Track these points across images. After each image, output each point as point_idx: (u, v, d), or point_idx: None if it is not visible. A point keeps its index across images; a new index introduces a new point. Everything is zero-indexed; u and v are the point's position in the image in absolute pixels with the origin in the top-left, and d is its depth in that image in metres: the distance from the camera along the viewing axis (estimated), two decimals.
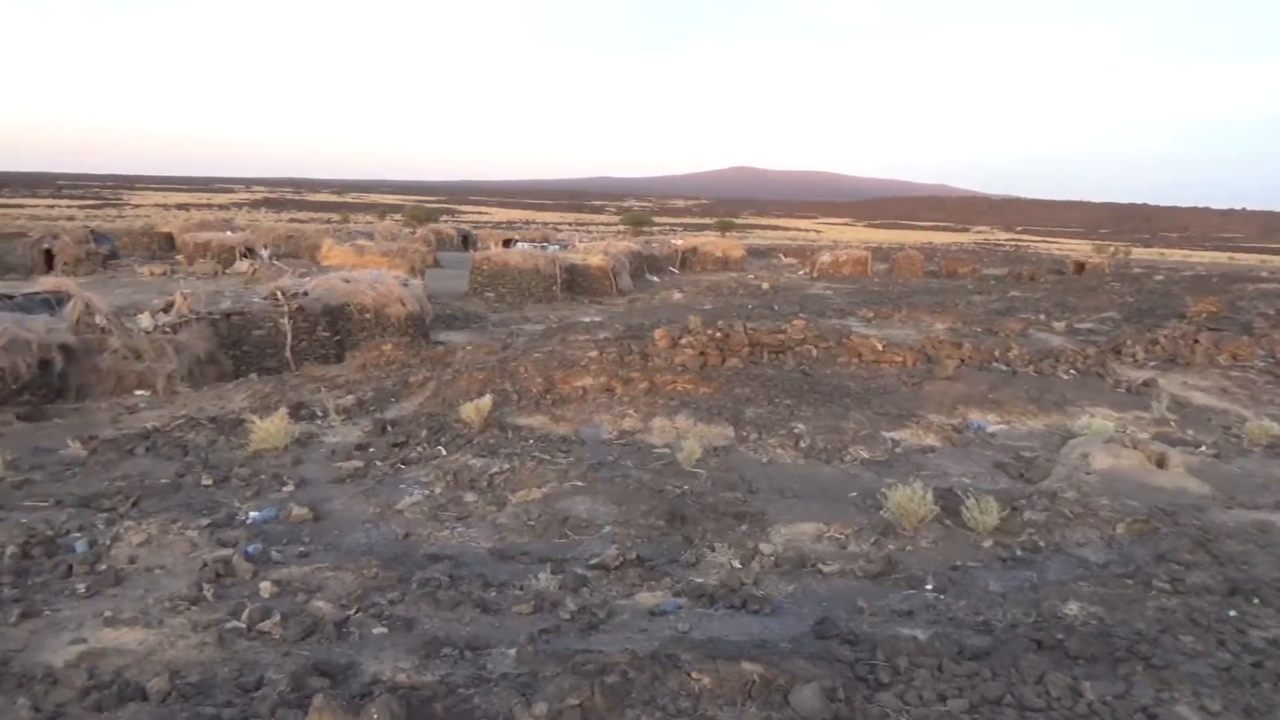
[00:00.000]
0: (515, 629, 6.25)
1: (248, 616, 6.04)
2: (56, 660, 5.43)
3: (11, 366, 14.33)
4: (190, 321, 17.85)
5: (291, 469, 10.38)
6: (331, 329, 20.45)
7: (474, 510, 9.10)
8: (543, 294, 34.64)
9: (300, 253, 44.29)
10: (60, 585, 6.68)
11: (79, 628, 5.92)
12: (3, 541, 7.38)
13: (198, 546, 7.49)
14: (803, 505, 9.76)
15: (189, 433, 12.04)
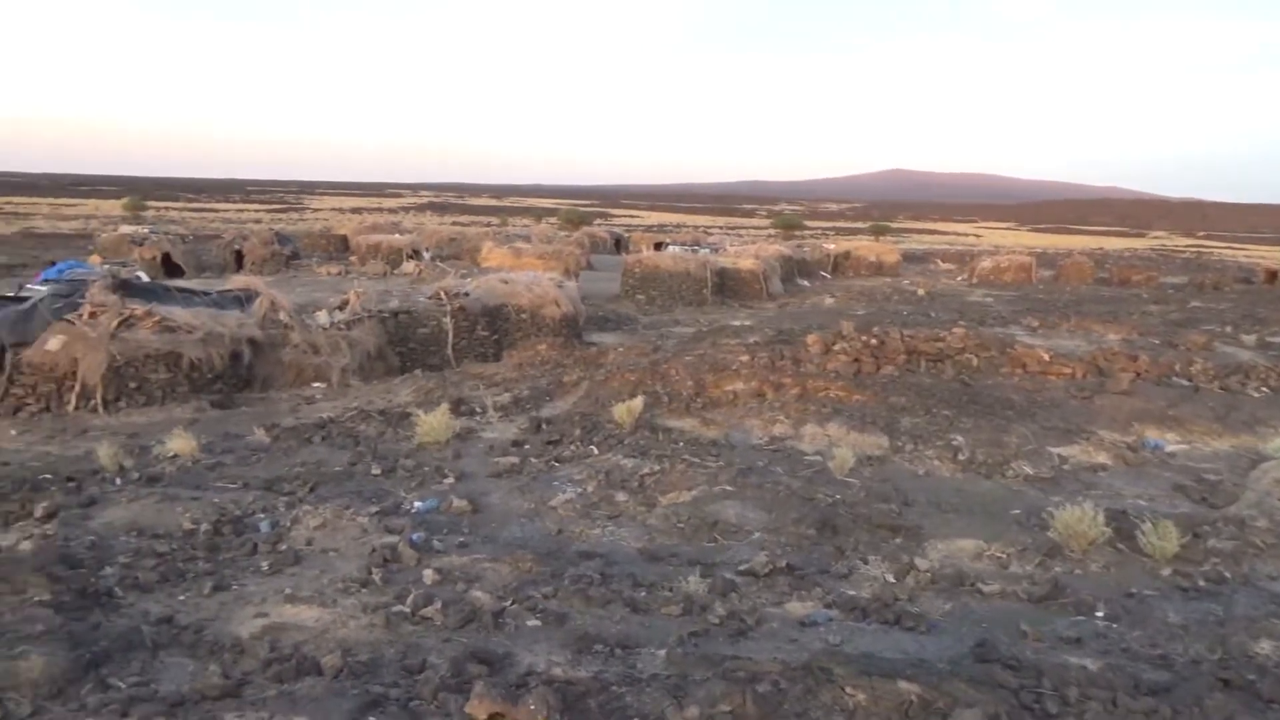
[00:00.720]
0: (664, 630, 6.30)
1: (412, 602, 6.34)
2: (243, 632, 5.87)
3: (207, 358, 15.56)
4: (362, 319, 18.89)
5: (452, 462, 10.82)
6: (490, 328, 21.20)
7: (625, 510, 9.23)
8: (693, 297, 34.75)
9: (462, 254, 46.13)
10: (246, 562, 7.21)
11: (262, 603, 6.37)
12: (198, 519, 8.02)
13: (367, 532, 7.92)
14: (961, 521, 9.40)
15: (360, 424, 12.75)
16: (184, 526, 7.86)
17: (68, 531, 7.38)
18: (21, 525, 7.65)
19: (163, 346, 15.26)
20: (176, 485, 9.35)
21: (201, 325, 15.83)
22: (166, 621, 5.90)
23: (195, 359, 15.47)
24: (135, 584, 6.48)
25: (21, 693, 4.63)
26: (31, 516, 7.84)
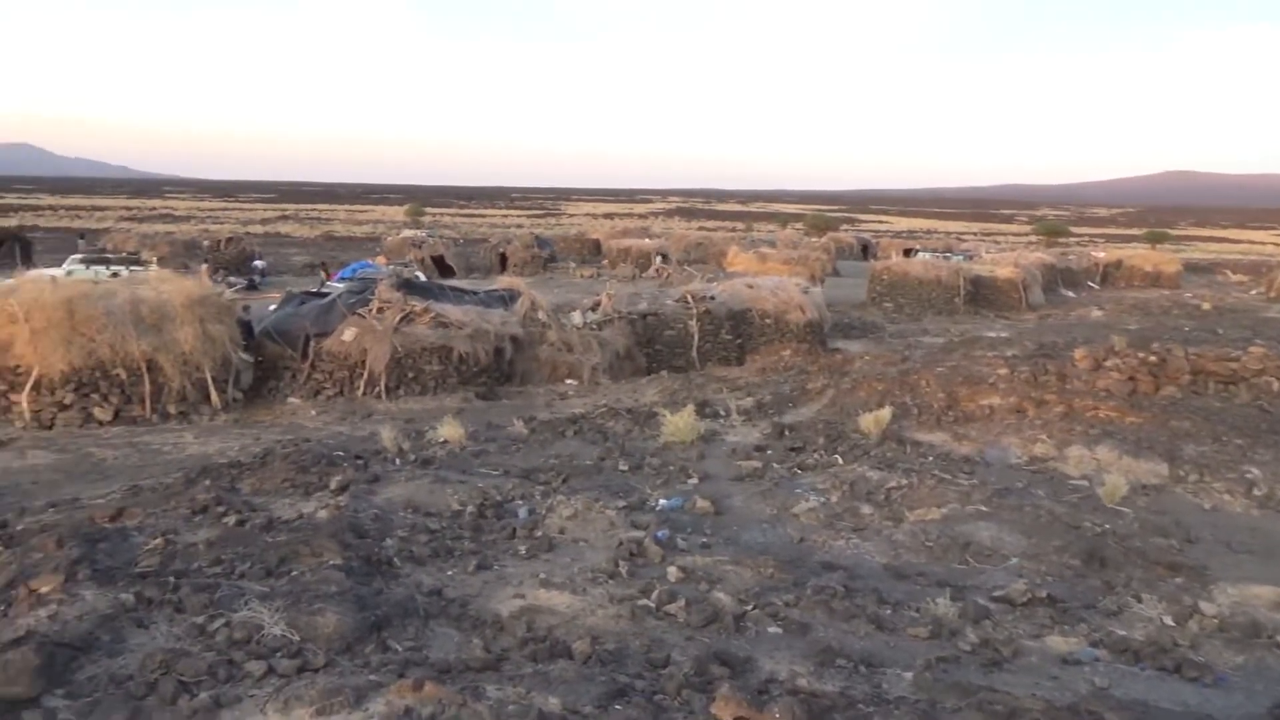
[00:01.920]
0: (910, 651, 6.06)
1: (657, 597, 6.50)
2: (502, 610, 6.26)
3: (474, 353, 16.79)
4: (613, 320, 19.65)
5: (696, 463, 10.99)
6: (734, 332, 21.36)
7: (869, 523, 8.97)
8: (943, 306, 33.28)
9: (708, 259, 46.82)
10: (506, 545, 7.69)
11: (520, 585, 6.77)
12: (464, 501, 8.66)
13: (615, 525, 8.21)
14: (1257, 564, 8.35)
15: (609, 421, 13.26)
16: (452, 507, 8.52)
17: (356, 504, 8.20)
18: (319, 496, 8.60)
19: (437, 341, 16.62)
20: (446, 469, 10.14)
21: (470, 322, 17.08)
22: (437, 594, 6.41)
23: (464, 353, 16.72)
24: (411, 556, 7.09)
25: (318, 645, 5.19)
26: (327, 489, 8.79)
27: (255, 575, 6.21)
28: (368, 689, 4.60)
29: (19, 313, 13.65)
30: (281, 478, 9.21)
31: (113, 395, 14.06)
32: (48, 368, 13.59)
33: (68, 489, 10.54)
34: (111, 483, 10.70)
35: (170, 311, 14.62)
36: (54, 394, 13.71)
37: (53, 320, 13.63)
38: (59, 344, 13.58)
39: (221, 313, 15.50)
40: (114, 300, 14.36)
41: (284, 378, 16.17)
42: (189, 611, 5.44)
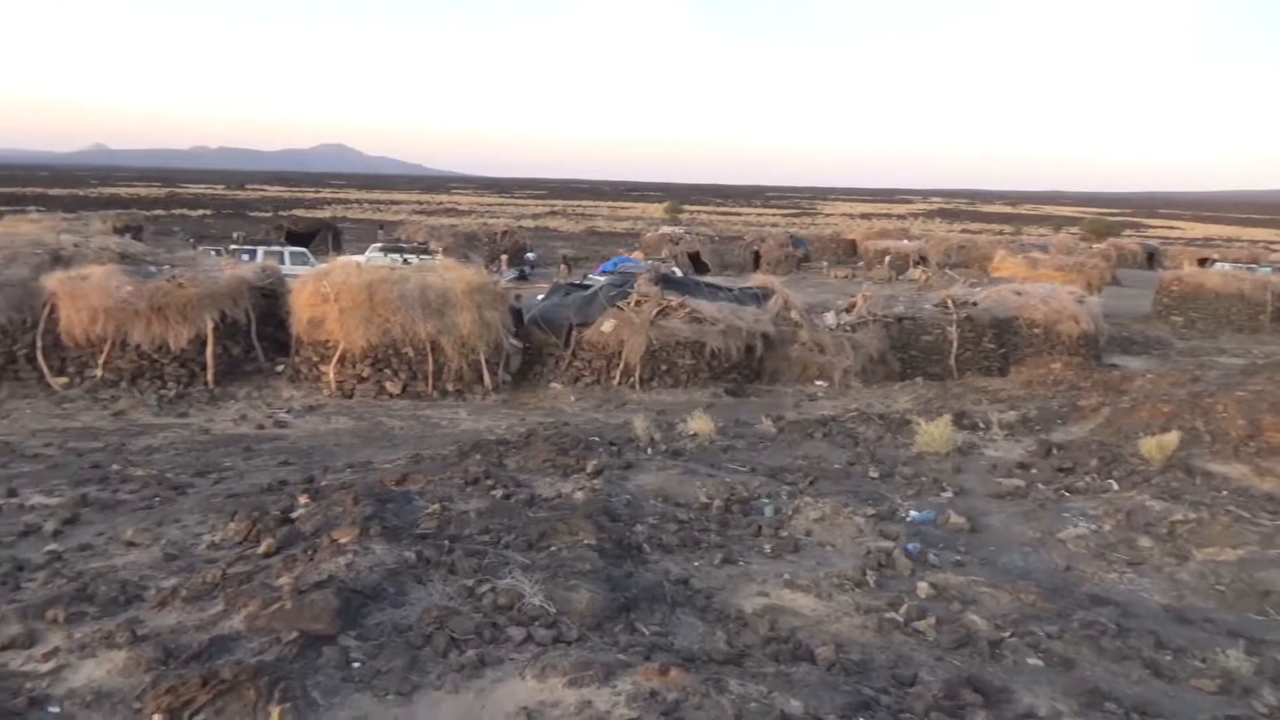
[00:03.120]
0: (1192, 705, 5.47)
1: (905, 612, 6.27)
2: (746, 606, 6.30)
3: (725, 349, 16.98)
4: (867, 322, 19.16)
5: (951, 476, 10.49)
6: (997, 341, 20.16)
7: (1148, 558, 8.17)
8: (1245, 323, 29.65)
9: (970, 263, 44.50)
10: (751, 542, 7.72)
11: (764, 583, 6.77)
12: (712, 495, 8.79)
13: (863, 533, 8.01)
14: None
15: (859, 425, 12.95)
16: (700, 499, 8.67)
17: (610, 489, 8.55)
18: (576, 478, 9.04)
19: (690, 335, 16.96)
20: (695, 461, 10.33)
21: (723, 318, 17.28)
22: (683, 583, 6.55)
23: (716, 349, 16.95)
24: (660, 544, 7.30)
25: (571, 618, 5.47)
26: (584, 471, 9.23)
27: (518, 547, 6.64)
28: (616, 667, 4.79)
29: (331, 293, 15.41)
30: (543, 458, 9.78)
31: (401, 371, 15.56)
32: (351, 343, 15.26)
33: (362, 452, 11.79)
34: (398, 450, 11.85)
35: (452, 298, 15.94)
36: (354, 367, 15.38)
37: (356, 301, 15.28)
38: (361, 323, 15.21)
39: (496, 300, 16.69)
40: (406, 286, 15.86)
41: (547, 364, 17.16)
42: (460, 574, 5.91)
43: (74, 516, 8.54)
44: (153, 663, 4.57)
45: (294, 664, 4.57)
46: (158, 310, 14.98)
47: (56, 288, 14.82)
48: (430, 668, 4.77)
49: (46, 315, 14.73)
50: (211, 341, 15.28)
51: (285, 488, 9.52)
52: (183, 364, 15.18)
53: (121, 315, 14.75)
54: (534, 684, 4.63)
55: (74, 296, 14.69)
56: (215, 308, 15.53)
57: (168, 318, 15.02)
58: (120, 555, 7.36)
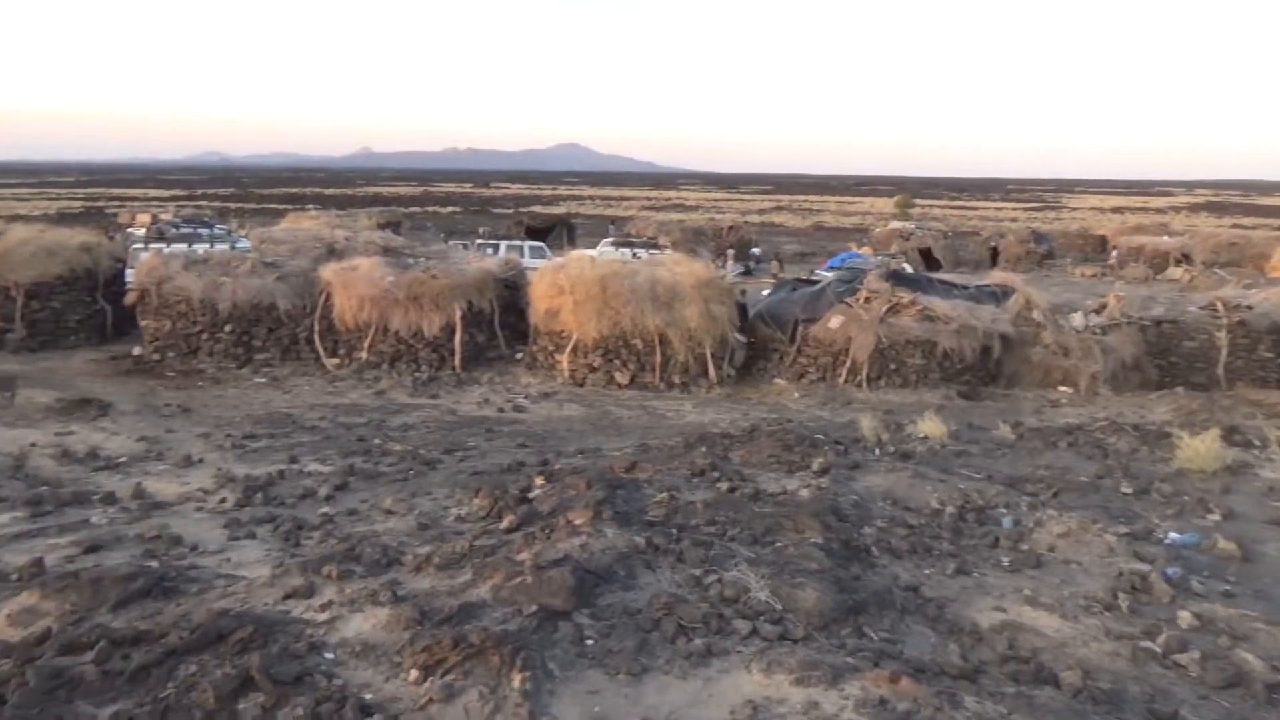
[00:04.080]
0: None
1: (1164, 642, 5.75)
2: (981, 621, 6.00)
3: (959, 349, 16.21)
4: (1119, 325, 17.66)
5: (1219, 497, 9.48)
6: (1276, 349, 17.98)
7: None
8: None
9: (1243, 262, 39.91)
10: (986, 553, 7.34)
11: (1000, 597, 6.43)
12: (944, 501, 8.43)
13: (1114, 552, 7.41)
14: None
15: (1110, 436, 11.97)
16: (931, 505, 8.34)
17: (836, 488, 8.40)
18: (801, 475, 8.96)
19: (921, 334, 16.33)
20: (925, 465, 9.95)
21: (957, 317, 16.51)
22: (913, 590, 6.34)
23: (948, 349, 16.23)
24: (888, 548, 7.09)
25: (797, 617, 5.44)
26: (809, 469, 9.13)
27: (743, 540, 6.67)
28: (844, 670, 4.71)
29: (566, 286, 16.12)
30: (768, 453, 9.76)
31: (630, 362, 16.03)
32: (584, 334, 15.91)
33: (592, 439, 12.27)
34: (625, 438, 12.23)
35: (681, 291, 16.23)
36: (586, 357, 16.03)
37: (590, 294, 15.89)
38: (593, 314, 15.81)
39: (723, 295, 16.82)
40: (636, 279, 16.31)
41: (772, 359, 17.09)
42: (688, 563, 6.02)
43: (343, 484, 9.48)
44: (410, 622, 4.98)
45: (533, 635, 4.84)
46: (414, 299, 16.29)
47: (331, 278, 16.48)
48: (659, 652, 4.90)
49: (323, 302, 16.40)
50: (460, 329, 16.43)
51: (523, 468, 10.09)
52: (434, 349, 16.43)
53: (384, 303, 16.17)
54: (760, 678, 4.64)
55: (345, 285, 16.27)
56: (463, 298, 16.68)
57: (422, 306, 16.31)
58: (381, 522, 8.09)
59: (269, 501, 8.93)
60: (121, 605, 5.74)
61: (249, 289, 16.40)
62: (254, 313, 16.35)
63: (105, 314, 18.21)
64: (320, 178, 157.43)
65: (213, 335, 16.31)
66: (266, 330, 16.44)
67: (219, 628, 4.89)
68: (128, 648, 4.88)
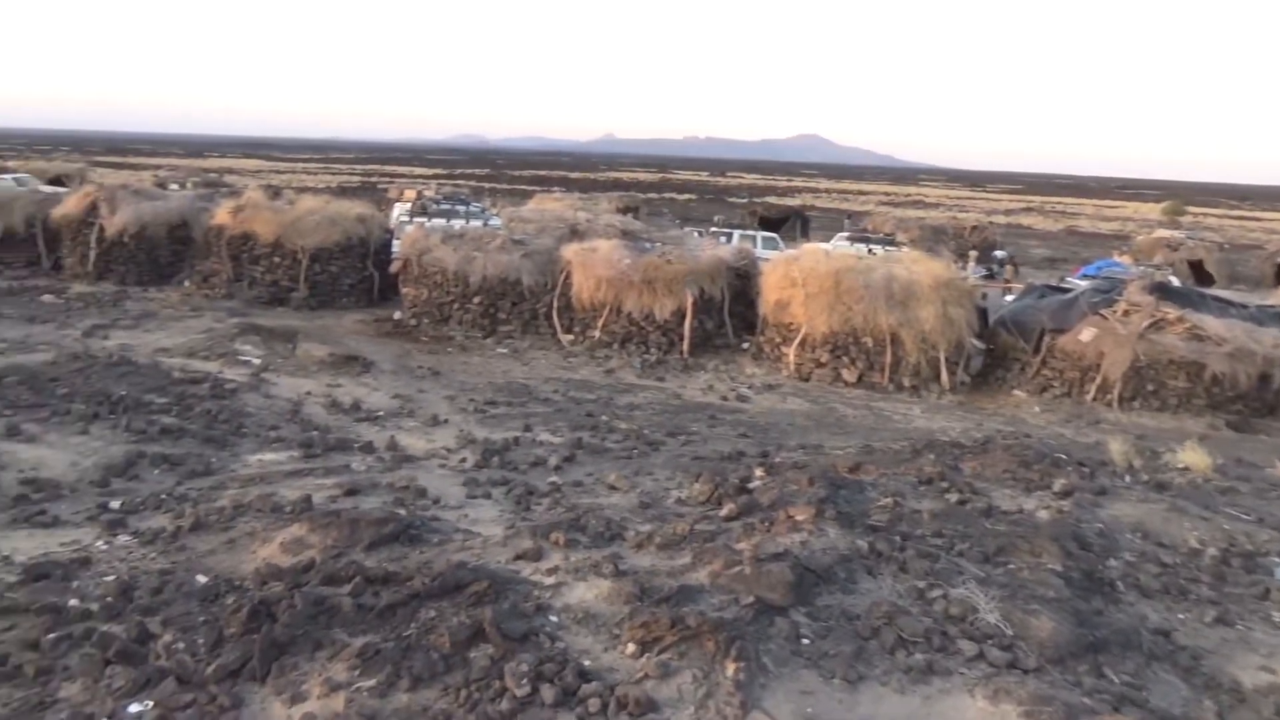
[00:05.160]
0: None
1: None
2: (1245, 679, 5.38)
3: (1232, 374, 14.59)
4: None
5: None
6: None
7: None
8: None
9: None
10: (1254, 605, 6.56)
11: (1269, 656, 5.73)
12: (1204, 541, 7.61)
13: None
14: None
15: None
16: (1189, 544, 7.56)
17: (1079, 514, 7.80)
18: (1039, 495, 8.38)
19: (1187, 355, 14.84)
20: (1184, 499, 9.02)
21: (1233, 338, 14.86)
22: (1163, 634, 5.78)
23: (1219, 373, 14.65)
24: (1136, 584, 6.51)
25: (1029, 646, 5.11)
26: (1049, 489, 8.52)
27: (973, 557, 6.34)
28: (1079, 710, 4.39)
29: (799, 278, 15.95)
30: (1002, 467, 9.21)
31: (858, 360, 15.64)
32: (813, 328, 15.69)
33: (814, 435, 12.10)
34: (849, 438, 11.96)
35: (917, 291, 15.62)
36: (814, 351, 15.80)
37: (823, 288, 15.64)
38: (824, 309, 15.55)
39: (962, 297, 16.03)
40: (872, 276, 15.86)
41: (1012, 369, 16.12)
42: (912, 574, 5.80)
43: (571, 456, 9.89)
44: (630, 597, 5.13)
45: (749, 626, 4.84)
46: (648, 283, 16.69)
47: (572, 257, 17.20)
48: (876, 661, 4.76)
49: (563, 280, 17.16)
50: (690, 315, 16.67)
51: (743, 458, 10.12)
52: (664, 333, 16.78)
53: (619, 285, 16.68)
54: (985, 705, 4.41)
55: (584, 265, 16.92)
56: (696, 284, 16.90)
57: (655, 290, 16.68)
58: (605, 496, 8.38)
59: (504, 465, 9.48)
60: (373, 546, 6.30)
61: (498, 264, 17.42)
62: (500, 286, 17.37)
63: (373, 280, 19.98)
64: (566, 161, 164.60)
65: (463, 305, 17.50)
66: (510, 304, 17.42)
67: (457, 578, 5.26)
68: (378, 586, 5.35)
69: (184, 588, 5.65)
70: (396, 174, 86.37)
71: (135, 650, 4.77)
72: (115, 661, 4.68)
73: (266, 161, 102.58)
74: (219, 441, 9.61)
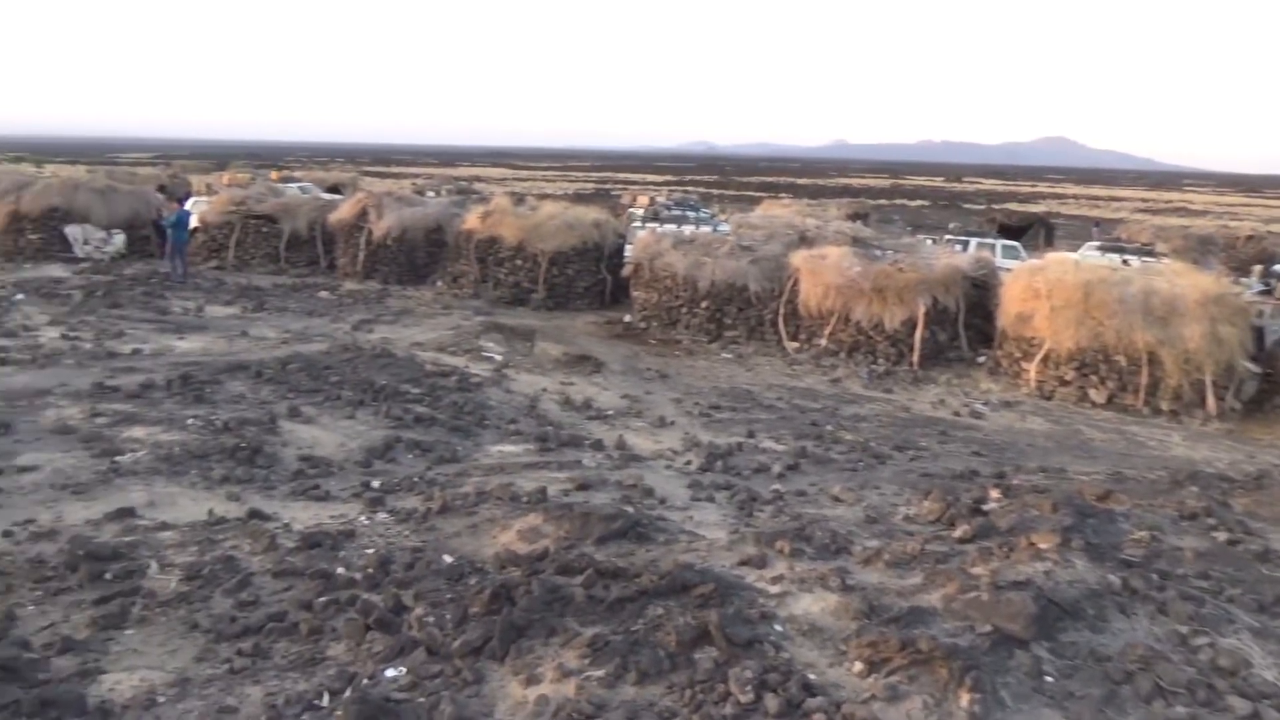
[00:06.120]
0: None
1: None
2: None
3: None
4: None
5: None
6: None
7: None
8: None
9: None
10: None
11: None
12: None
13: None
14: None
15: None
16: None
17: None
18: None
19: None
20: None
21: None
22: None
23: None
24: None
25: None
26: None
27: (1246, 605, 5.69)
28: None
29: (1043, 290, 14.96)
30: None
31: (1109, 380, 14.46)
32: (1057, 344, 14.66)
33: (1056, 458, 11.31)
34: (1096, 463, 11.09)
35: (1181, 306, 14.22)
36: (1058, 368, 14.76)
37: (1070, 300, 14.58)
38: (1071, 323, 14.49)
39: (1236, 315, 14.42)
40: (1127, 289, 14.61)
41: None
42: (1172, 617, 5.29)
43: (795, 464, 9.81)
44: (858, 613, 5.02)
45: (985, 656, 4.60)
46: (878, 291, 16.23)
47: (800, 264, 17.03)
48: (1130, 709, 4.39)
49: (790, 287, 17.04)
50: (921, 325, 16.05)
51: (976, 478, 9.63)
52: (893, 343, 16.26)
53: (848, 293, 16.34)
54: None
55: (813, 272, 16.71)
56: (928, 293, 16.25)
57: (885, 299, 16.19)
58: (829, 508, 8.24)
59: (727, 470, 9.54)
60: (603, 540, 6.52)
61: (725, 269, 17.56)
62: (728, 292, 17.49)
63: (606, 283, 20.72)
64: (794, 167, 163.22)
65: (691, 310, 17.78)
66: (737, 309, 17.50)
67: (684, 579, 5.35)
68: (608, 579, 5.54)
69: (432, 565, 6.09)
70: (629, 181, 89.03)
71: (391, 619, 5.20)
72: (374, 628, 5.13)
73: (510, 170, 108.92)
74: (464, 431, 10.30)
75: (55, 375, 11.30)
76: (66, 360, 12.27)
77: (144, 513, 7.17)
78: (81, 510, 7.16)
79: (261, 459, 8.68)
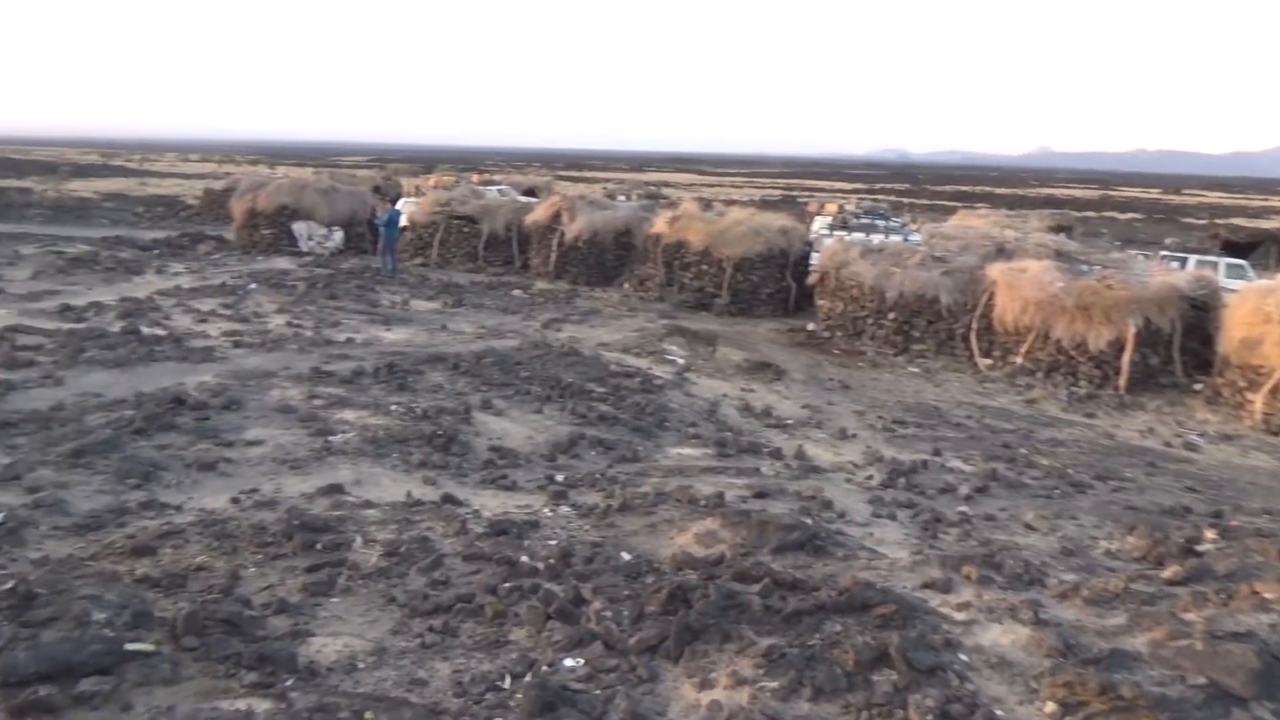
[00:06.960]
0: None
1: None
2: None
3: None
4: None
5: None
6: None
7: None
8: None
9: None
10: None
11: None
12: None
13: None
14: None
15: None
16: None
17: None
18: None
19: None
20: None
21: None
22: None
23: None
24: None
25: None
26: None
27: None
28: None
29: (1275, 314, 13.59)
30: None
31: None
32: None
33: None
34: None
35: None
36: None
37: None
38: None
39: None
40: None
41: None
42: None
43: (984, 487, 9.37)
44: (1053, 650, 4.73)
45: (1198, 711, 4.23)
46: (1082, 308, 15.24)
47: (997, 277, 16.25)
48: None
49: (984, 301, 16.28)
50: (1130, 347, 14.94)
51: (1188, 515, 8.90)
52: (1097, 365, 15.22)
53: (1049, 309, 15.44)
54: None
55: (1010, 286, 15.90)
56: (1140, 313, 15.11)
57: (1091, 317, 15.18)
58: (1020, 535, 7.82)
59: (910, 488, 9.23)
60: (780, 550, 6.46)
61: (915, 281, 16.99)
62: (917, 304, 16.92)
63: (790, 290, 20.53)
64: (993, 176, 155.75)
65: (877, 321, 17.32)
66: (926, 322, 16.90)
67: (864, 597, 5.22)
68: (785, 590, 5.48)
69: (611, 561, 6.23)
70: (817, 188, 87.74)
71: (571, 611, 5.35)
72: (555, 618, 5.30)
73: (698, 175, 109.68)
74: (645, 432, 10.47)
75: (280, 359, 12.36)
76: (290, 345, 13.39)
77: (351, 490, 7.72)
78: (298, 483, 7.80)
79: (456, 447, 9.15)
